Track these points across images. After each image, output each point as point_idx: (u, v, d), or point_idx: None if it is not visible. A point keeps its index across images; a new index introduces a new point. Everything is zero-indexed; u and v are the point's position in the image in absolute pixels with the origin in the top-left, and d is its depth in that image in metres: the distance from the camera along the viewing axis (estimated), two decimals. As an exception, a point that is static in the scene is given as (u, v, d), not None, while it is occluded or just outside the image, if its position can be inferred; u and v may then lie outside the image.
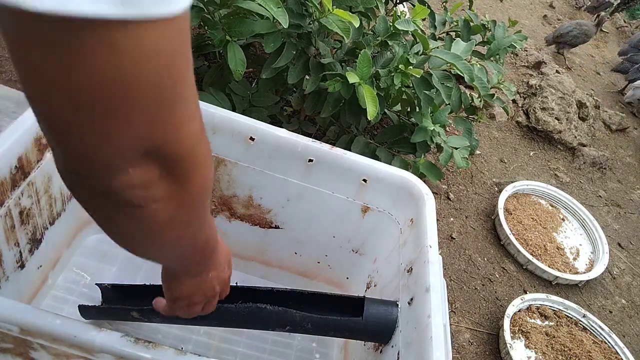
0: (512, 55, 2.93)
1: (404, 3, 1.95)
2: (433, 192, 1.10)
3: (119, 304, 0.95)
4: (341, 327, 0.88)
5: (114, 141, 0.31)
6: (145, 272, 1.15)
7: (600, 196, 2.24)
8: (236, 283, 0.88)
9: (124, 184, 0.34)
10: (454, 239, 1.74)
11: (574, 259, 1.82)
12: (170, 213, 0.38)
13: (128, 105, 0.29)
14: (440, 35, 1.74)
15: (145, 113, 0.31)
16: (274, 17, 1.11)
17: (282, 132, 1.04)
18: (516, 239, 1.74)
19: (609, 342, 1.52)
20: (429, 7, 1.45)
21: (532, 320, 1.52)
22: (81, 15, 0.24)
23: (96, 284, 0.98)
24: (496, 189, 2.02)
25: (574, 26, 3.08)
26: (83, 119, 0.29)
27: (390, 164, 1.39)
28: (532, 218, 1.89)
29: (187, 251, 0.49)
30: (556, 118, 2.39)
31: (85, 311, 0.95)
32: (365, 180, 1.06)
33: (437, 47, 1.37)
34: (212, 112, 1.02)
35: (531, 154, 2.34)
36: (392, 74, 1.32)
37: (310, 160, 1.05)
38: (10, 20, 0.25)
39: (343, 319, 0.87)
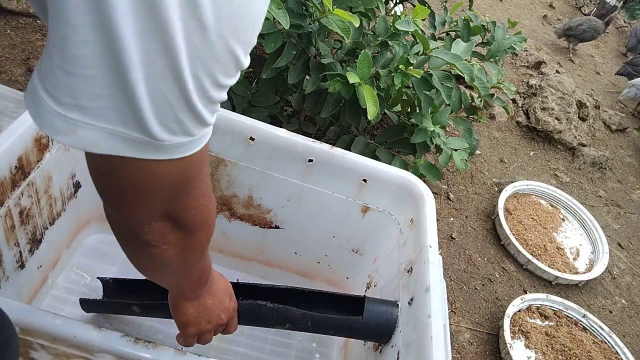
0: (512, 55, 2.93)
1: (404, 3, 1.95)
2: (433, 192, 1.10)
3: (120, 298, 0.95)
4: (341, 326, 0.88)
5: (141, 211, 0.46)
6: (145, 272, 1.15)
7: (600, 196, 2.24)
8: (237, 280, 0.88)
9: (147, 231, 0.48)
10: (454, 239, 1.74)
11: (574, 259, 1.82)
12: (175, 253, 0.52)
13: (152, 196, 0.44)
14: (440, 36, 1.74)
15: (164, 199, 0.45)
16: (274, 18, 1.11)
17: (282, 132, 1.04)
18: (516, 239, 1.74)
19: (609, 342, 1.52)
20: (429, 7, 1.45)
21: (532, 320, 1.52)
22: (131, 156, 0.39)
23: (98, 277, 0.98)
24: (496, 189, 2.02)
25: (584, 21, 3.13)
26: (123, 199, 0.45)
27: (390, 164, 1.39)
28: (532, 218, 1.89)
29: (182, 279, 0.62)
30: (556, 118, 2.40)
31: (86, 304, 0.94)
32: (365, 180, 1.06)
33: (437, 48, 1.37)
34: (212, 112, 1.02)
35: (531, 154, 2.34)
36: (393, 74, 1.32)
37: (310, 160, 1.05)
38: (88, 154, 0.41)
39: (343, 318, 0.87)
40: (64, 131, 0.37)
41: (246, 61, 0.40)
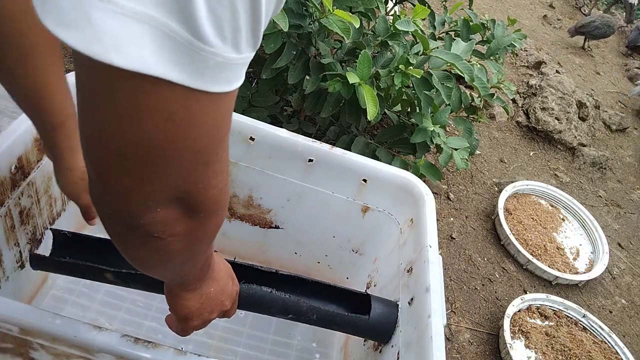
0: (512, 55, 2.93)
1: (403, 3, 1.95)
2: (433, 192, 1.10)
3: (85, 258, 0.78)
4: (346, 324, 0.87)
5: (150, 187, 0.34)
6: (145, 272, 1.14)
7: (600, 196, 2.24)
8: (234, 259, 0.81)
9: (150, 220, 0.37)
10: (454, 239, 1.74)
11: (574, 259, 1.82)
12: (183, 245, 0.42)
13: (169, 161, 0.33)
14: (440, 35, 1.74)
15: (183, 169, 0.34)
16: (273, 20, 1.11)
17: (282, 132, 1.04)
18: (516, 239, 1.74)
19: (609, 342, 1.52)
20: (429, 7, 1.45)
21: (532, 320, 1.52)
22: (154, 74, 0.27)
23: (50, 229, 0.81)
24: (496, 189, 2.02)
25: (596, 18, 3.21)
26: (128, 165, 0.32)
27: (390, 164, 1.39)
28: (532, 218, 1.89)
29: (185, 272, 0.53)
30: (556, 118, 2.40)
31: (38, 261, 0.78)
32: (365, 180, 1.06)
33: (437, 47, 1.37)
34: (212, 112, 1.02)
35: (531, 154, 2.34)
36: (392, 74, 1.32)
37: (310, 160, 1.05)
38: (96, 71, 0.28)
39: (350, 316, 0.86)
40: (72, 17, 0.25)
41: None
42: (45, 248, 1.01)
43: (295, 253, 1.21)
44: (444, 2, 1.97)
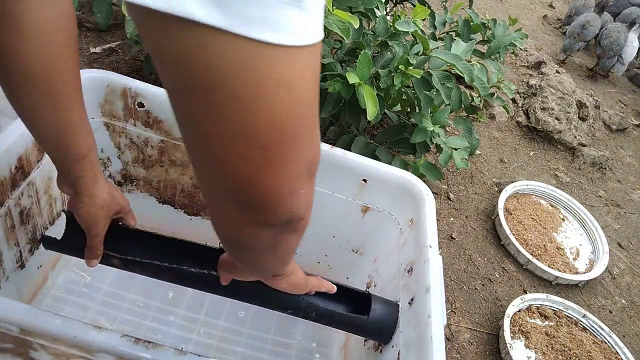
0: (512, 55, 2.93)
1: (404, 3, 1.95)
2: (433, 192, 1.10)
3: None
4: (345, 323, 0.87)
5: (288, 170, 0.31)
6: (145, 272, 1.15)
7: (600, 196, 2.24)
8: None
9: (294, 202, 0.33)
10: (454, 239, 1.74)
11: (574, 259, 1.82)
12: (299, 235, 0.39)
13: (298, 133, 0.30)
14: (440, 35, 1.74)
15: (308, 137, 0.32)
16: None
17: (282, 132, 1.04)
18: (516, 239, 1.74)
19: (609, 342, 1.52)
20: (429, 7, 1.45)
21: (532, 320, 1.52)
22: (254, 37, 0.25)
23: (63, 210, 0.83)
24: (496, 189, 2.02)
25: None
26: (270, 155, 0.29)
27: (390, 164, 1.39)
28: (532, 218, 1.89)
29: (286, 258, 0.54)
30: (556, 118, 2.39)
31: (50, 243, 0.82)
32: (365, 180, 1.06)
33: (437, 48, 1.37)
34: (212, 112, 1.02)
35: (531, 154, 2.34)
36: (392, 75, 1.32)
37: (310, 161, 1.05)
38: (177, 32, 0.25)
39: (348, 315, 0.86)
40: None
41: None
42: (45, 249, 1.01)
43: (295, 253, 1.20)
44: (444, 2, 1.97)
